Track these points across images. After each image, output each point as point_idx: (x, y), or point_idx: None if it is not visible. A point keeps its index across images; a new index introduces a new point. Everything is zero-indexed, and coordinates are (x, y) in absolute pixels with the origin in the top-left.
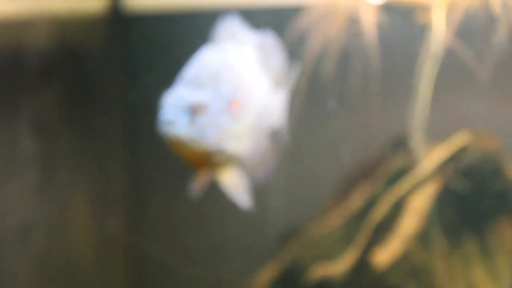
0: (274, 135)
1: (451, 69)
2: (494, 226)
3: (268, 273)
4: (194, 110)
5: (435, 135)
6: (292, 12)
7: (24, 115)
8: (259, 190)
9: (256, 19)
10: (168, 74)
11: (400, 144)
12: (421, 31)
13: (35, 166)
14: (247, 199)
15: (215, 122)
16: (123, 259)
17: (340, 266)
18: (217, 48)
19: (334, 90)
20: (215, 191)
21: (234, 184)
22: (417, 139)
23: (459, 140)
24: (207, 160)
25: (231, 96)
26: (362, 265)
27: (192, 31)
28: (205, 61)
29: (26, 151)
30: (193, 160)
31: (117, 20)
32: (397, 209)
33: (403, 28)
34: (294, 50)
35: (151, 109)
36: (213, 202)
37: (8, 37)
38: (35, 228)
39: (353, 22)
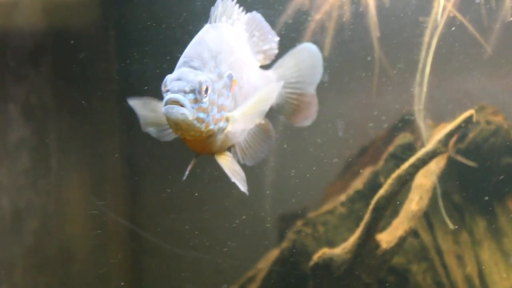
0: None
1: (456, 43)
2: (503, 204)
3: (272, 254)
4: (199, 90)
5: (441, 111)
6: None
7: (14, 99)
8: (257, 172)
9: None
10: (160, 53)
11: (404, 122)
12: (425, 3)
13: (27, 150)
14: (245, 183)
15: (218, 101)
16: (119, 244)
17: (344, 246)
18: (214, 27)
19: (333, 65)
20: (211, 174)
21: (233, 168)
22: (422, 116)
23: (465, 116)
24: (209, 142)
25: (230, 75)
26: (367, 245)
27: (182, 9)
28: (205, 41)
29: (17, 135)
30: (196, 142)
31: None
32: (402, 187)
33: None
34: (295, 23)
35: (145, 88)
36: (210, 185)
37: None
38: (29, 215)
39: None
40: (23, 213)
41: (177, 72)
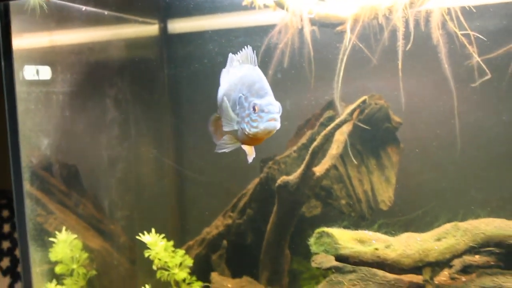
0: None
1: (357, 59)
2: (384, 150)
3: (255, 181)
4: (280, 110)
5: (349, 98)
6: (269, 27)
7: (109, 96)
8: None
9: (247, 33)
10: (193, 72)
11: (329, 104)
12: (339, 35)
13: (117, 124)
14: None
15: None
16: (172, 176)
17: (295, 175)
18: (257, 67)
19: (290, 72)
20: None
21: (249, 149)
22: (338, 101)
23: (361, 100)
24: (263, 139)
25: None
26: (308, 174)
27: (212, 45)
28: (263, 78)
29: (111, 116)
30: (259, 140)
31: (165, 38)
32: (326, 141)
33: (329, 34)
34: (269, 50)
35: (187, 89)
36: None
37: (97, 51)
38: (118, 161)
39: (300, 32)
40: (115, 160)
41: (265, 99)
